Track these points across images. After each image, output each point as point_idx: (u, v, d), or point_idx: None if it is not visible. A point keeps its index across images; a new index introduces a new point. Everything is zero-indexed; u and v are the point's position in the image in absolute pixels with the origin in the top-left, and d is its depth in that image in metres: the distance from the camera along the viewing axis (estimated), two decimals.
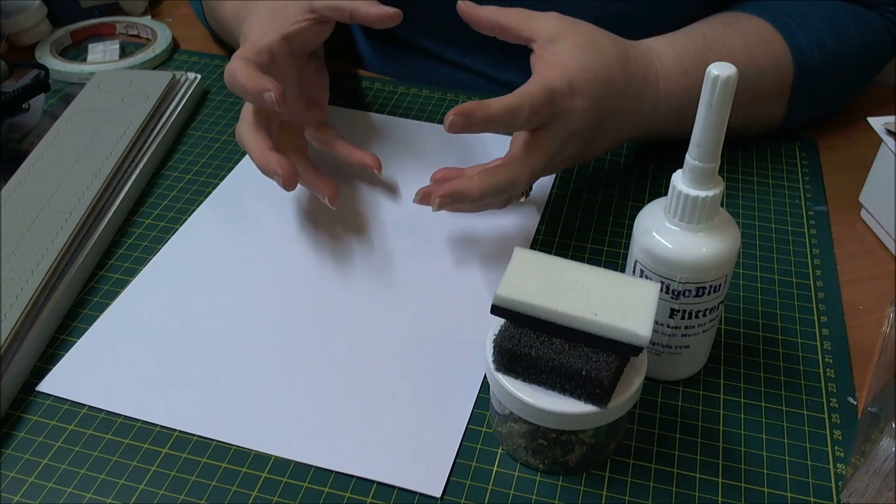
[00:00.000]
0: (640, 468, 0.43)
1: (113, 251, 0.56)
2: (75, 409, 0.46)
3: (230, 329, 0.50)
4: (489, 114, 0.49)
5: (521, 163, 0.51)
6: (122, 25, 0.82)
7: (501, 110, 0.49)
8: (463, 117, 0.49)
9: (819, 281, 0.54)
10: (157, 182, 0.62)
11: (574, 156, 0.56)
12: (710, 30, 0.61)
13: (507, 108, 0.49)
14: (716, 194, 0.41)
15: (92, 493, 0.42)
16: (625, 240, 0.57)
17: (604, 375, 0.38)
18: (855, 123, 0.68)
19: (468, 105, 0.49)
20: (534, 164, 0.52)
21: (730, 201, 0.61)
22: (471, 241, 0.56)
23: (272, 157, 0.51)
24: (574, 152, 0.55)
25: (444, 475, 0.42)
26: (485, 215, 0.58)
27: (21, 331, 0.48)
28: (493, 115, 0.49)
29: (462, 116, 0.49)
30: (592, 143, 0.56)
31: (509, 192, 0.51)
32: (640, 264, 0.43)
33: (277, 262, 0.55)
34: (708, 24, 0.62)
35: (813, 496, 0.42)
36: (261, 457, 0.43)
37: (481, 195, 0.50)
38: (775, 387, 0.47)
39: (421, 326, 0.50)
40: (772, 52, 0.60)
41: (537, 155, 0.52)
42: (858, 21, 0.63)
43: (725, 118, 0.39)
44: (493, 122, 0.49)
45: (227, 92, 0.72)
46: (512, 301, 0.39)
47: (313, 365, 0.48)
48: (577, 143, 0.55)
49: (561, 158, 0.55)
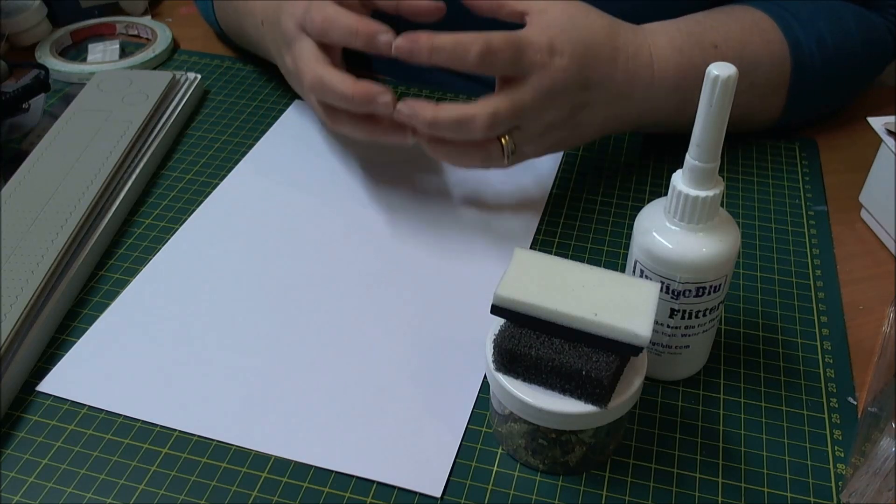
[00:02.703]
0: (640, 468, 0.43)
1: (113, 251, 0.56)
2: (75, 409, 0.46)
3: (230, 329, 0.50)
4: (435, 42, 0.48)
5: (484, 102, 0.51)
6: (122, 25, 0.82)
7: (451, 41, 0.49)
8: (409, 41, 0.48)
9: (819, 281, 0.54)
10: (157, 182, 0.62)
11: (560, 125, 0.55)
12: (704, 16, 0.61)
13: (456, 40, 0.49)
14: (716, 194, 0.41)
15: (92, 493, 0.42)
16: (625, 240, 0.57)
17: (604, 375, 0.38)
18: (855, 123, 0.68)
19: (416, 32, 0.48)
20: (497, 106, 0.51)
21: (730, 201, 0.61)
22: (471, 240, 0.56)
23: (367, 86, 0.50)
24: (558, 119, 0.54)
25: (444, 475, 0.42)
26: (484, 215, 0.58)
27: (21, 331, 0.48)
28: (440, 44, 0.49)
29: (408, 41, 0.48)
30: (579, 116, 0.55)
31: (466, 128, 0.50)
32: (640, 264, 0.43)
33: (277, 262, 0.55)
34: (705, 12, 0.62)
35: (813, 496, 0.42)
36: (261, 457, 0.43)
37: (434, 119, 0.50)
38: (775, 387, 0.47)
39: (421, 326, 0.50)
40: (768, 41, 0.60)
41: (502, 99, 0.51)
42: (860, 20, 0.63)
43: (725, 118, 0.39)
44: (440, 51, 0.49)
45: (228, 92, 0.72)
46: (512, 301, 0.39)
47: (313, 365, 0.48)
48: (560, 108, 0.53)
49: (542, 123, 0.53)
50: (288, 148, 0.65)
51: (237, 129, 0.68)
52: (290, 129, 0.67)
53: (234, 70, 0.76)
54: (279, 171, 0.63)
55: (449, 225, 0.58)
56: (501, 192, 0.60)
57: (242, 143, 0.66)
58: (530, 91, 0.52)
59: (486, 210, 0.59)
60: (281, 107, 0.70)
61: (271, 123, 0.68)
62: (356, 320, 0.51)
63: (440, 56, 0.49)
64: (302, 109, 0.70)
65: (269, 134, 0.67)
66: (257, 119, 0.69)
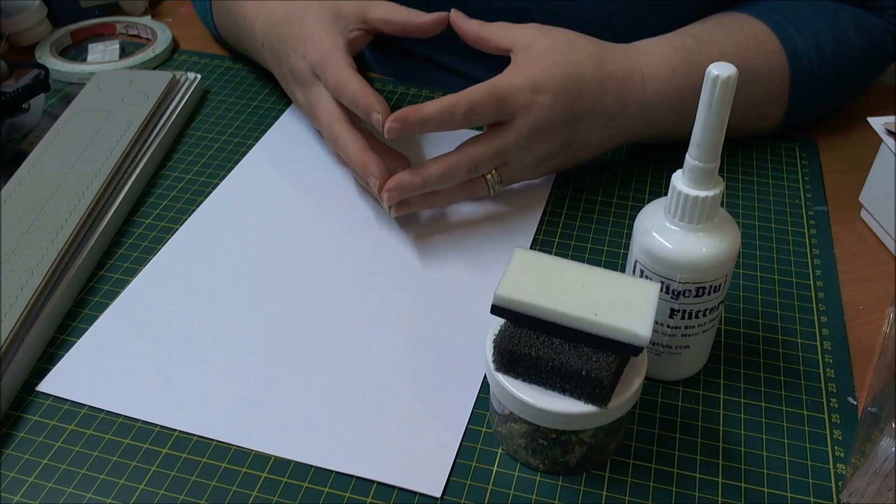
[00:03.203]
0: (640, 468, 0.43)
1: (113, 251, 0.56)
2: (75, 409, 0.46)
3: (230, 329, 0.50)
4: (423, 115, 0.51)
5: (462, 152, 0.53)
6: (122, 25, 0.82)
7: (436, 110, 0.51)
8: (399, 122, 0.50)
9: (819, 281, 0.54)
10: (157, 182, 0.62)
11: (552, 155, 0.56)
12: (701, 30, 0.61)
13: (442, 107, 0.51)
14: (716, 194, 0.41)
15: (92, 493, 0.42)
16: (625, 240, 0.57)
17: (604, 375, 0.38)
18: (855, 123, 0.68)
19: (404, 110, 0.50)
20: (475, 154, 0.53)
21: (730, 201, 0.61)
22: (471, 241, 0.56)
23: (370, 159, 0.53)
24: (549, 151, 0.56)
25: (444, 475, 0.42)
26: (484, 215, 0.58)
27: (21, 331, 0.48)
28: (428, 116, 0.51)
29: (398, 122, 0.50)
30: (573, 144, 0.57)
31: (449, 178, 0.53)
32: (640, 264, 0.43)
33: (277, 262, 0.55)
34: (701, 24, 0.62)
35: (813, 496, 0.42)
36: (261, 457, 0.43)
37: (424, 182, 0.52)
38: (775, 387, 0.47)
39: (421, 326, 0.50)
40: (766, 52, 0.60)
41: (484, 146, 0.53)
42: (858, 23, 0.63)
43: (725, 118, 0.39)
44: (429, 122, 0.51)
45: (227, 92, 0.72)
46: (512, 301, 0.39)
47: (313, 365, 0.48)
48: (551, 142, 0.55)
49: (531, 158, 0.55)
50: (288, 148, 0.65)
51: (237, 129, 0.68)
52: (290, 130, 0.67)
53: (234, 70, 0.76)
54: (279, 171, 0.63)
55: (449, 225, 0.58)
56: (501, 193, 0.60)
57: (242, 143, 0.66)
58: (514, 133, 0.53)
59: (487, 210, 0.59)
60: (281, 107, 0.70)
61: (271, 123, 0.68)
62: (356, 320, 0.51)
63: (431, 125, 0.51)
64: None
65: (269, 134, 0.67)
66: (257, 119, 0.69)
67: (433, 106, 0.51)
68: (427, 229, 0.57)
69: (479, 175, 0.55)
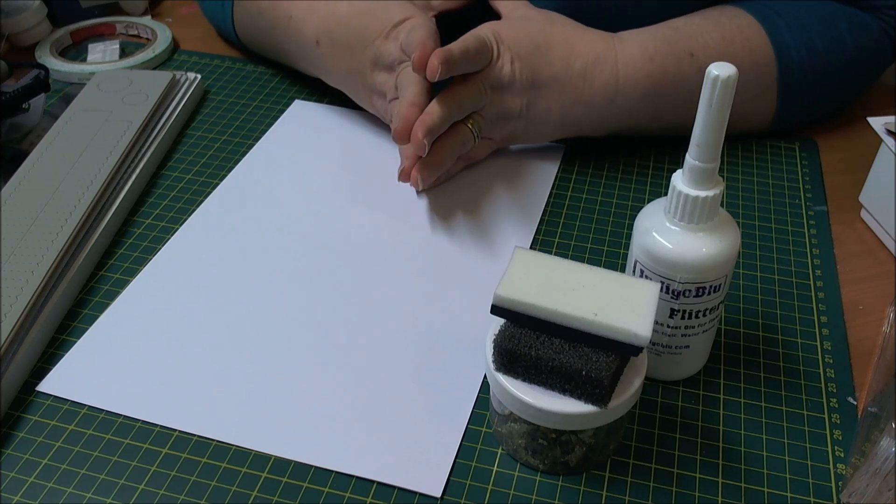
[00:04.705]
0: (640, 468, 0.43)
1: (113, 251, 0.56)
2: (75, 409, 0.46)
3: (230, 329, 0.50)
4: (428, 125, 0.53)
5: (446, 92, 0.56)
6: (122, 25, 0.82)
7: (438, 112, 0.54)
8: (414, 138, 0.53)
9: (819, 281, 0.54)
10: (157, 182, 0.62)
11: (514, 115, 0.59)
12: (685, 22, 0.61)
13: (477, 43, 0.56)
14: (716, 194, 0.41)
15: (92, 493, 0.42)
16: (625, 240, 0.57)
17: (604, 375, 0.38)
18: (855, 123, 0.68)
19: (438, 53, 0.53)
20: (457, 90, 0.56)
21: (730, 201, 0.61)
22: (470, 240, 0.56)
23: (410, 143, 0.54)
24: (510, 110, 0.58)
25: (444, 475, 0.42)
26: (485, 215, 0.58)
27: (21, 331, 0.48)
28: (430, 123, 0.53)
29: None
30: (533, 109, 0.59)
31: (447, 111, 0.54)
32: (640, 264, 0.43)
33: (277, 262, 0.55)
34: (687, 17, 0.62)
35: (813, 496, 0.42)
36: (261, 457, 0.43)
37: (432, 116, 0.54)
38: (775, 387, 0.47)
39: (421, 326, 0.50)
40: (750, 48, 0.60)
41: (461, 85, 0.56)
42: (854, 24, 0.63)
43: (725, 118, 0.39)
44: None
45: (228, 92, 0.72)
46: (512, 301, 0.39)
47: (313, 365, 0.48)
48: (512, 102, 0.58)
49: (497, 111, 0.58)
50: (288, 148, 0.65)
51: (237, 129, 0.68)
52: (290, 129, 0.67)
53: (234, 70, 0.76)
54: (279, 171, 0.63)
55: (449, 225, 0.58)
56: (501, 193, 0.60)
57: (242, 143, 0.66)
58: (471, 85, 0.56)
59: (487, 210, 0.59)
60: (281, 107, 0.70)
61: (271, 123, 0.68)
62: (356, 320, 0.51)
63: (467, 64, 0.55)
64: (302, 109, 0.70)
65: (269, 134, 0.67)
66: (257, 119, 0.69)
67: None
68: (427, 229, 0.57)
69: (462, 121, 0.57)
